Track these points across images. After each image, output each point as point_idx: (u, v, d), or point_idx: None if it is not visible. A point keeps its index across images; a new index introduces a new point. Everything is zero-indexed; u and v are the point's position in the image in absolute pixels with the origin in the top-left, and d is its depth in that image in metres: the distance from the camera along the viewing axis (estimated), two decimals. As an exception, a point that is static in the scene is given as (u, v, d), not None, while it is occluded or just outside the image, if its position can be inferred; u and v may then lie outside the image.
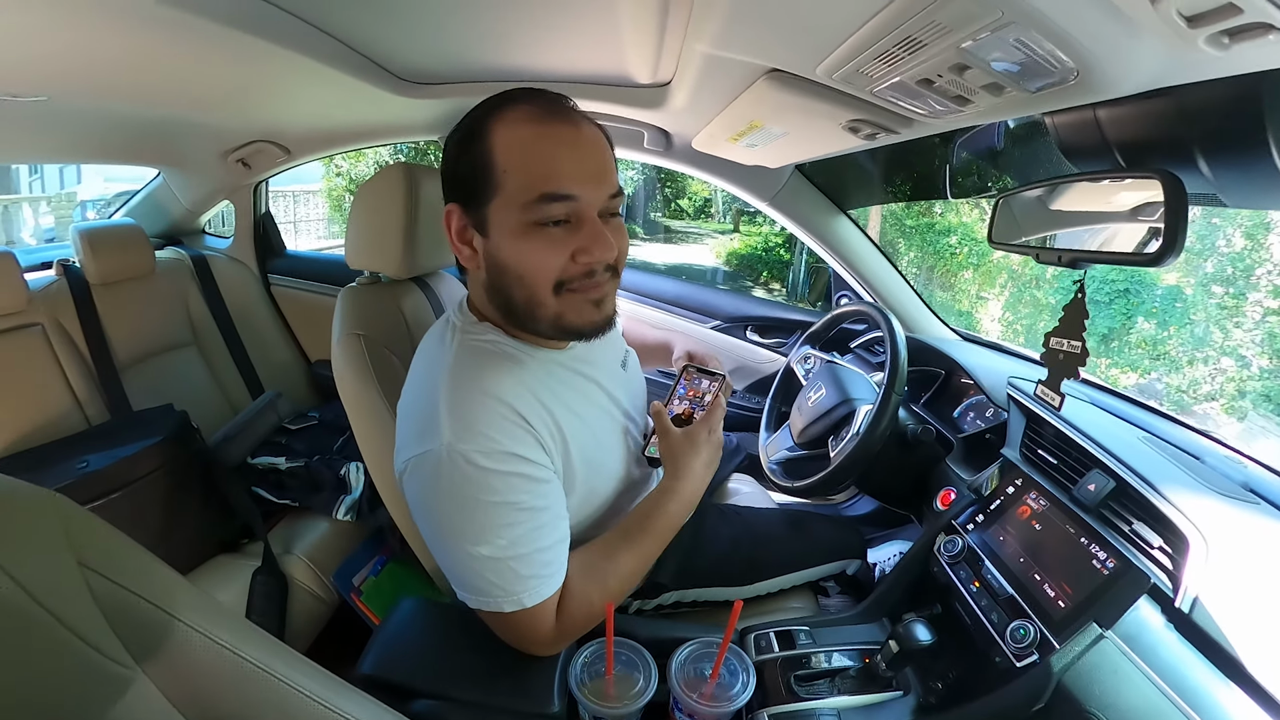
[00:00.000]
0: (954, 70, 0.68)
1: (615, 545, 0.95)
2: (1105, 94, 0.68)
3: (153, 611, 0.52)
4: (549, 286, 0.85)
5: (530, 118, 0.83)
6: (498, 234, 0.84)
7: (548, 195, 0.81)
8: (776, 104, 0.98)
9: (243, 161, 2.04)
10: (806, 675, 0.96)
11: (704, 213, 11.88)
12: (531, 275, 0.84)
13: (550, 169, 0.82)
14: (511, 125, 0.83)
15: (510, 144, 0.82)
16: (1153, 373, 6.06)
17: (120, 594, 0.50)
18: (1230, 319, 5.76)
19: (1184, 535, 0.82)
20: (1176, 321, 6.03)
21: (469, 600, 0.85)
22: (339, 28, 1.11)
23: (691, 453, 1.01)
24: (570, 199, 0.82)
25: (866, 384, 1.38)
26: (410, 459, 0.84)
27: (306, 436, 1.84)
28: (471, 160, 0.84)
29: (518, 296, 0.86)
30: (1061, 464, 1.06)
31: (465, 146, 0.85)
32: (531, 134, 0.83)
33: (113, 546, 0.54)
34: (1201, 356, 5.85)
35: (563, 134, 0.84)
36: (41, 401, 1.62)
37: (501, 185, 0.82)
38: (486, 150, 0.83)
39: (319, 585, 1.55)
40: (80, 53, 1.03)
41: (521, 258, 0.84)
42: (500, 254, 0.85)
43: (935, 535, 1.11)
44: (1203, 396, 5.70)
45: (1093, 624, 0.80)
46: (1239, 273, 5.81)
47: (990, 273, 7.14)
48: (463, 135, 0.87)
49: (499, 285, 0.87)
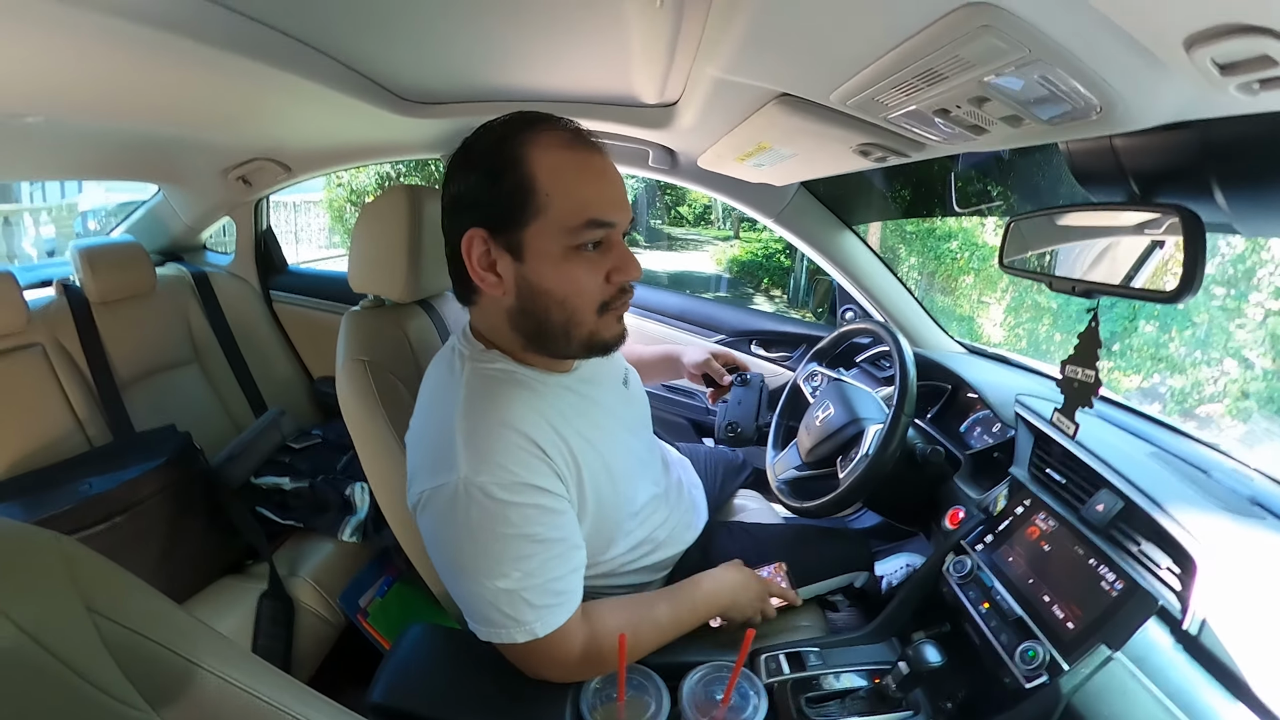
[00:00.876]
0: (973, 102, 0.68)
1: (655, 598, 0.99)
2: (1126, 128, 0.67)
3: (164, 654, 0.52)
4: (593, 308, 0.87)
5: (565, 144, 0.84)
6: (536, 258, 0.84)
7: (593, 221, 0.83)
8: (786, 127, 0.97)
9: (243, 179, 2.03)
10: (817, 697, 0.96)
11: (704, 220, 11.89)
12: (575, 298, 0.86)
13: (592, 196, 0.84)
14: (549, 150, 0.83)
15: (552, 169, 0.82)
16: (1155, 375, 6.05)
17: (131, 638, 0.50)
18: (1232, 320, 5.75)
19: (1192, 557, 0.82)
20: (1178, 324, 6.01)
21: (480, 632, 0.84)
22: (340, 50, 1.11)
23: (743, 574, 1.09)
24: (610, 226, 0.84)
25: (875, 402, 1.37)
26: (425, 491, 0.83)
27: (310, 455, 1.83)
28: (507, 184, 0.82)
29: (556, 319, 0.87)
30: (1070, 483, 1.06)
31: (495, 170, 0.83)
32: (571, 160, 0.84)
33: (120, 589, 0.54)
34: (1204, 358, 5.83)
35: (596, 162, 0.86)
36: (42, 422, 1.61)
37: (544, 209, 0.82)
38: (527, 174, 0.82)
39: (325, 607, 1.54)
40: (80, 74, 1.03)
41: (565, 282, 0.85)
42: (539, 278, 0.85)
43: (944, 555, 1.11)
44: (1206, 398, 5.68)
45: (1102, 645, 0.81)
46: (1240, 274, 5.80)
47: (991, 278, 7.12)
48: (487, 158, 0.85)
49: (532, 309, 0.87)
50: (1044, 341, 6.59)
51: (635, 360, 1.38)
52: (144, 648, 0.50)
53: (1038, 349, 6.06)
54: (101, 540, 1.32)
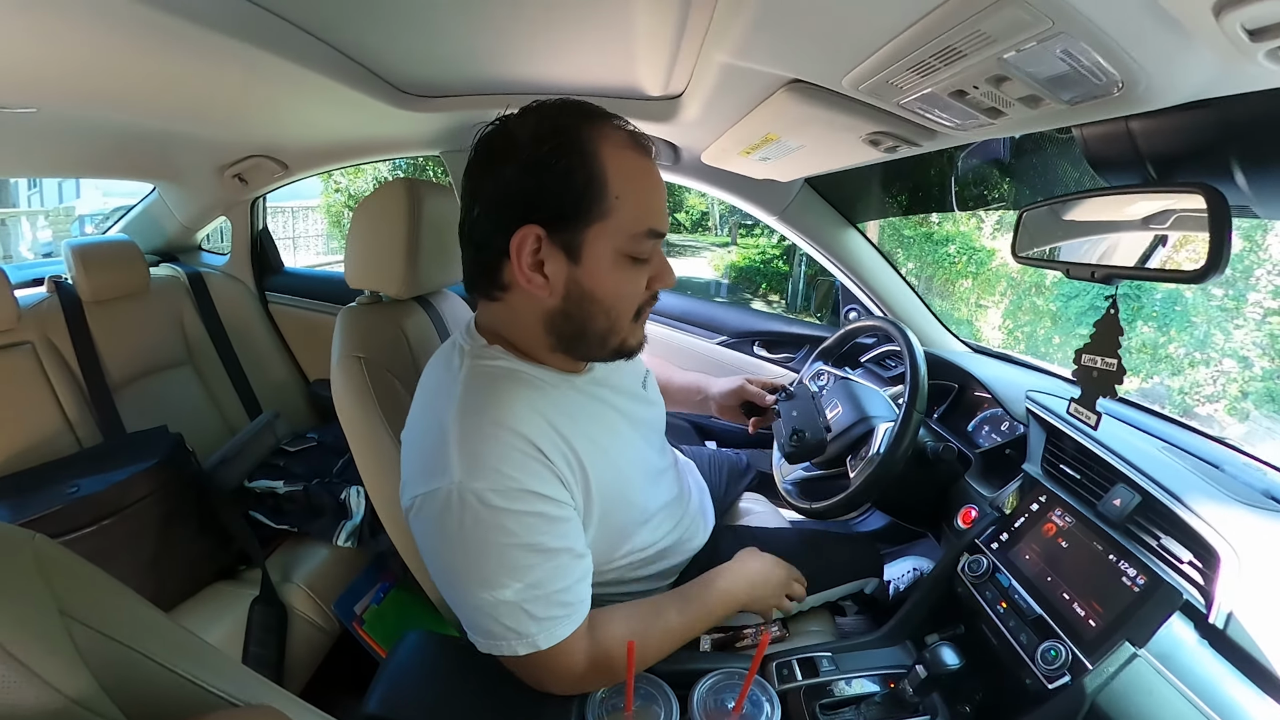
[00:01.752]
0: (991, 82, 0.65)
1: (665, 603, 0.95)
2: (1147, 106, 0.65)
3: (144, 663, 0.48)
4: (630, 314, 0.86)
5: (632, 145, 0.81)
6: (594, 260, 0.80)
7: (653, 231, 0.81)
8: (795, 116, 0.95)
9: (239, 177, 2.00)
10: (831, 704, 0.94)
11: (701, 226, 11.92)
12: (621, 305, 0.84)
13: (654, 204, 0.82)
14: (619, 150, 0.79)
15: (623, 170, 0.79)
16: (1155, 376, 6.07)
17: (107, 645, 0.47)
18: (1231, 320, 5.78)
19: (1214, 549, 0.81)
20: (1177, 325, 6.04)
21: (480, 645, 0.81)
22: (339, 38, 1.08)
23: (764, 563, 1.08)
24: (662, 237, 0.83)
25: (883, 401, 1.35)
26: (418, 496, 0.79)
27: (306, 459, 1.79)
28: (578, 179, 0.77)
29: (598, 325, 0.84)
30: (1084, 478, 1.04)
31: (562, 163, 0.77)
32: (639, 165, 0.81)
33: (98, 593, 0.51)
34: (1203, 358, 5.86)
35: (655, 170, 0.84)
36: (31, 423, 1.58)
37: (613, 211, 0.78)
38: (598, 170, 0.77)
39: (319, 614, 1.51)
40: (71, 61, 1.00)
41: (616, 287, 0.83)
42: (592, 282, 0.81)
43: (958, 555, 1.09)
44: (1205, 398, 5.71)
45: (1125, 643, 0.79)
46: (1238, 274, 5.83)
47: (989, 281, 7.16)
48: (549, 149, 0.77)
49: (576, 314, 0.83)
50: (1043, 344, 6.61)
51: (663, 384, 1.36)
52: (122, 656, 0.47)
53: (1037, 353, 6.11)
54: (89, 543, 1.28)
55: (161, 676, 0.49)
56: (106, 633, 0.47)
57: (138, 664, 0.48)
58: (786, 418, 1.33)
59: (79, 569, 0.50)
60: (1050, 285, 6.74)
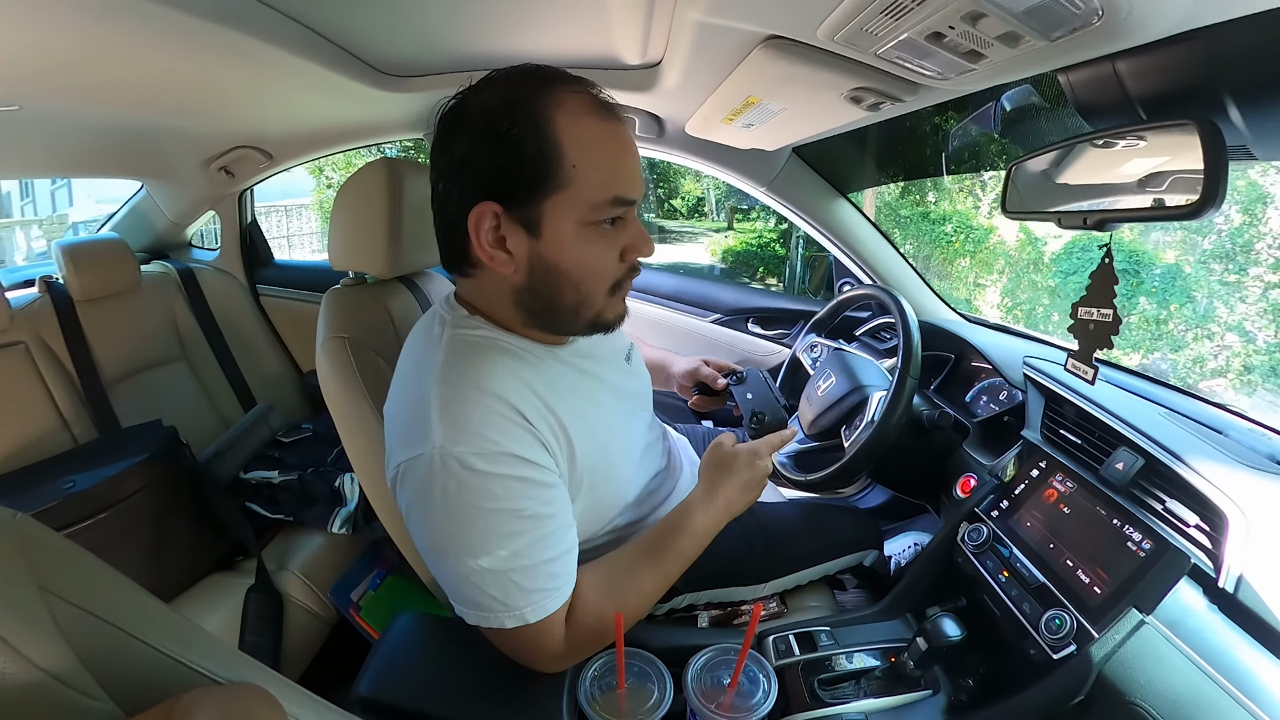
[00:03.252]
0: (967, 19, 0.64)
1: (636, 560, 0.90)
2: (1131, 39, 0.64)
3: (127, 640, 0.47)
4: (605, 288, 0.83)
5: (592, 110, 0.78)
6: (555, 233, 0.78)
7: (620, 199, 0.78)
8: (774, 75, 0.93)
9: (225, 169, 1.99)
10: (830, 679, 0.92)
11: (697, 211, 11.84)
12: (591, 277, 0.81)
13: (620, 170, 0.78)
14: (577, 116, 0.76)
15: (580, 137, 0.75)
16: (1156, 352, 6.05)
17: (90, 622, 0.45)
18: (1233, 294, 5.76)
19: (1222, 511, 0.79)
20: (1177, 299, 6.01)
21: (467, 616, 0.79)
22: (312, 18, 1.06)
23: (728, 474, 0.98)
24: (633, 203, 0.80)
25: (878, 370, 1.33)
26: (400, 465, 0.78)
27: (300, 449, 1.79)
28: (527, 149, 0.74)
29: (568, 300, 0.82)
30: (1085, 443, 1.02)
31: (511, 134, 0.74)
32: (599, 130, 0.77)
33: (78, 569, 0.49)
34: (1204, 333, 5.84)
35: (622, 134, 0.80)
36: (26, 421, 1.58)
37: (570, 181, 0.75)
38: (551, 140, 0.74)
39: (316, 602, 1.50)
40: (50, 54, 0.99)
41: (583, 260, 0.80)
42: (556, 256, 0.79)
43: (957, 525, 1.07)
44: (1209, 373, 5.69)
45: (1132, 609, 0.77)
46: (1238, 248, 5.81)
47: (987, 259, 7.14)
48: (501, 120, 0.75)
49: (543, 289, 0.81)
50: (1042, 320, 6.59)
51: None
52: (105, 633, 0.46)
53: (1036, 328, 6.13)
54: (86, 538, 1.28)
55: (145, 654, 0.48)
56: (89, 609, 0.46)
57: (121, 641, 0.47)
58: (742, 401, 1.31)
59: (63, 548, 0.50)
60: (1049, 262, 6.72)
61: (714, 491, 0.97)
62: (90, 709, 0.43)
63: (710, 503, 0.95)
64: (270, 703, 0.45)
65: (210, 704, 0.41)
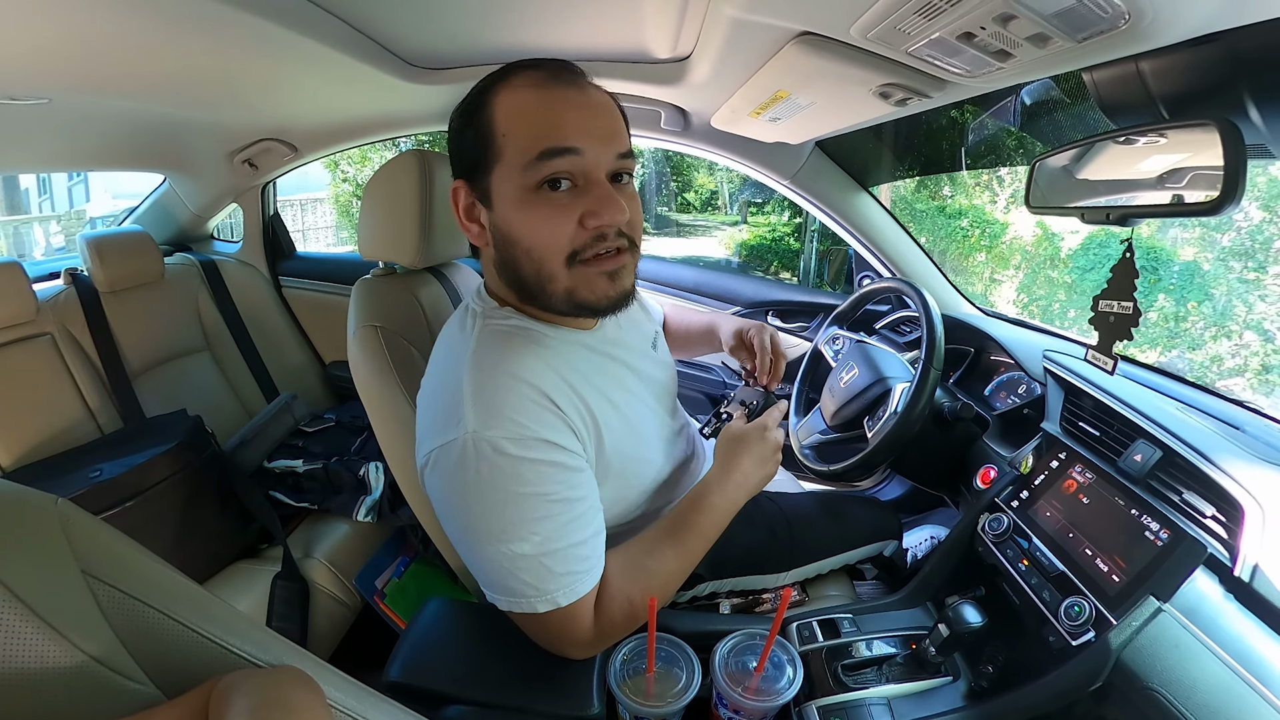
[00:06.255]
0: (998, 20, 0.64)
1: (658, 541, 0.90)
2: (1155, 41, 0.65)
3: (167, 623, 0.48)
4: (560, 258, 0.80)
5: (534, 83, 0.80)
6: (501, 203, 0.81)
7: (548, 150, 0.76)
8: (805, 71, 0.93)
9: (249, 162, 2.01)
10: (853, 664, 0.93)
11: (711, 205, 11.82)
12: (541, 246, 0.80)
13: (551, 125, 0.77)
14: (514, 91, 0.79)
15: (511, 109, 0.79)
16: (1174, 350, 5.98)
17: (130, 604, 0.46)
18: (1252, 292, 5.68)
19: (1238, 503, 0.80)
20: (1195, 296, 5.94)
21: (499, 602, 0.80)
22: (344, 9, 1.07)
23: (741, 449, 0.98)
24: (573, 152, 0.77)
25: (899, 362, 1.33)
26: (432, 450, 0.79)
27: (324, 438, 1.81)
28: (474, 131, 0.81)
29: (527, 270, 0.82)
30: (1104, 436, 1.03)
31: (468, 119, 0.82)
32: (534, 97, 0.79)
33: (119, 553, 0.50)
34: (1223, 331, 5.76)
35: (568, 95, 0.80)
36: (53, 412, 1.60)
37: (502, 151, 0.78)
38: (488, 118, 0.79)
39: (341, 589, 1.52)
40: (78, 45, 1.00)
41: (527, 227, 0.80)
42: (506, 225, 0.81)
43: (978, 515, 1.08)
44: (1226, 372, 5.62)
45: (1150, 597, 0.79)
46: (1258, 245, 5.73)
47: (1003, 255, 7.07)
48: (465, 108, 0.84)
49: (508, 260, 0.83)
50: (1059, 317, 6.53)
51: (684, 329, 1.35)
52: (145, 616, 0.47)
53: (1053, 325, 6.07)
54: (113, 526, 1.29)
55: (185, 637, 0.48)
56: (130, 592, 0.46)
57: (161, 624, 0.47)
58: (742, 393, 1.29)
59: (102, 532, 0.50)
60: (1065, 258, 6.66)
61: (731, 466, 0.97)
62: (131, 691, 0.43)
63: (728, 478, 0.95)
64: (309, 685, 0.45)
65: (250, 687, 0.41)
